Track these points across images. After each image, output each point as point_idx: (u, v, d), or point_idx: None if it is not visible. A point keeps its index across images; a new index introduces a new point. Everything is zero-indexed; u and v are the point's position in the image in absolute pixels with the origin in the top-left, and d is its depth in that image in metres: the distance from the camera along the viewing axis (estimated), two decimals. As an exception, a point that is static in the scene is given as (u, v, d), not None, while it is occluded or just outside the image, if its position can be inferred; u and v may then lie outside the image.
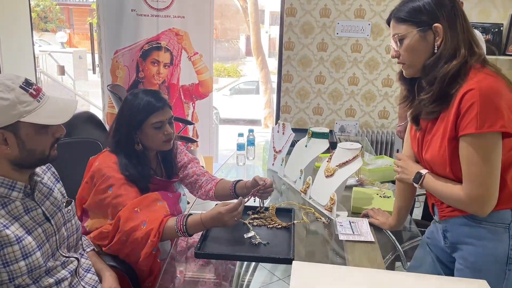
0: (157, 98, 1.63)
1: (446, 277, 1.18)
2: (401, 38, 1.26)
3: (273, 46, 20.31)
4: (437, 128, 1.26)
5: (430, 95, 1.23)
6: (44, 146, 1.14)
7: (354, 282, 1.07)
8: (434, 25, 1.21)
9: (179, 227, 1.45)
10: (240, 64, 17.85)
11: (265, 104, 8.44)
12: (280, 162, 2.17)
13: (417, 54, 1.25)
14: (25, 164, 1.14)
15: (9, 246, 1.07)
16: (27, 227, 1.12)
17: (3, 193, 1.11)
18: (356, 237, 1.53)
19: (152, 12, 3.52)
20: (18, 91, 1.08)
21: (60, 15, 19.57)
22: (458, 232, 1.32)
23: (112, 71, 3.59)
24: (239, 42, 21.52)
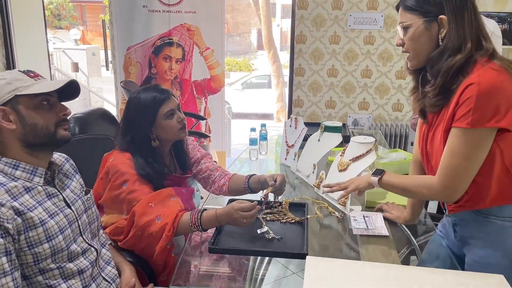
0: (160, 90, 1.66)
1: (462, 272, 1.17)
2: (406, 26, 1.25)
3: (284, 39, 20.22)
4: (439, 121, 1.26)
5: (434, 88, 1.23)
6: (46, 122, 1.16)
7: (369, 277, 1.07)
8: (440, 17, 1.20)
9: (193, 222, 1.46)
10: (252, 58, 17.81)
11: (277, 98, 8.42)
12: (293, 156, 2.16)
13: (420, 45, 1.24)
14: (32, 142, 1.15)
15: (33, 229, 1.10)
16: (50, 211, 1.15)
17: (26, 178, 1.14)
18: (370, 232, 1.52)
19: (164, 8, 3.53)
20: (17, 72, 1.16)
21: (73, 12, 19.75)
22: (466, 227, 1.31)
23: (125, 67, 3.62)
24: (251, 36, 21.47)
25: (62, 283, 1.16)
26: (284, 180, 1.68)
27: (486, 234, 1.26)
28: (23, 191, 1.12)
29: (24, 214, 1.09)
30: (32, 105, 1.14)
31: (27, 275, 1.12)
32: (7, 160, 1.13)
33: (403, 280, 1.06)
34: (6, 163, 1.13)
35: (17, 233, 1.07)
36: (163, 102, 1.63)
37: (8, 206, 1.06)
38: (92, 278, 1.26)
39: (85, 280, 1.22)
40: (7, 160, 1.13)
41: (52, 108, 1.18)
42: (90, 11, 21.52)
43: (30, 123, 1.14)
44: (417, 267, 1.32)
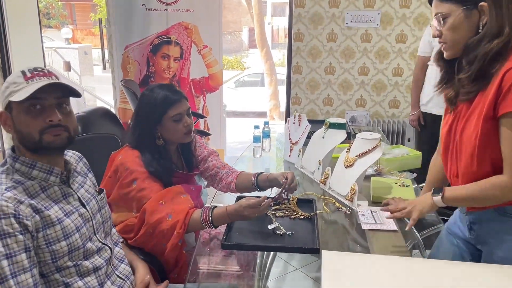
0: (173, 91, 1.66)
1: (474, 264, 1.20)
2: (444, 16, 1.23)
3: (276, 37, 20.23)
4: (473, 110, 1.23)
5: (469, 74, 1.21)
6: (29, 129, 1.11)
7: (385, 270, 1.09)
8: (480, 3, 1.18)
9: (204, 219, 1.47)
10: (244, 57, 17.80)
11: (270, 96, 8.43)
12: (297, 153, 2.18)
13: (460, 33, 1.22)
14: (27, 147, 1.14)
15: (51, 227, 1.11)
16: (65, 210, 1.16)
17: (42, 178, 1.14)
18: (379, 226, 1.55)
19: (161, 6, 3.52)
20: (16, 73, 1.13)
21: (62, 11, 19.56)
22: (487, 226, 1.30)
23: (123, 66, 3.61)
24: (242, 34, 21.45)
25: (78, 280, 1.17)
26: (294, 177, 1.68)
27: (508, 234, 1.25)
28: (40, 190, 1.13)
29: (42, 212, 1.10)
30: (21, 110, 1.11)
31: (45, 273, 1.13)
32: (24, 159, 1.14)
33: (417, 271, 1.08)
34: (23, 163, 1.14)
35: (36, 231, 1.08)
36: (173, 103, 1.63)
37: (27, 203, 1.07)
38: (106, 276, 1.27)
39: (100, 277, 1.23)
40: (24, 159, 1.14)
41: (43, 112, 1.12)
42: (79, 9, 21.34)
43: (17, 129, 1.13)
44: (431, 260, 1.34)
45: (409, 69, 3.63)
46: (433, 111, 2.90)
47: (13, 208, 1.04)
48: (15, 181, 1.10)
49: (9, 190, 1.07)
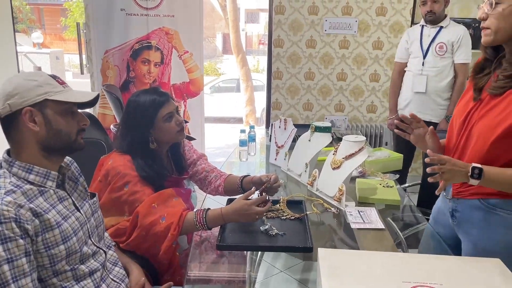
0: (159, 93, 1.68)
1: (462, 257, 1.26)
2: (498, 1, 1.21)
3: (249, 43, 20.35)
4: (498, 103, 1.25)
5: (509, 73, 1.22)
6: (69, 129, 1.18)
7: (379, 265, 1.14)
8: None
9: (199, 221, 1.48)
10: (218, 62, 17.80)
11: (246, 102, 8.47)
12: (283, 156, 2.22)
13: (506, 23, 1.21)
14: (52, 146, 1.17)
15: (50, 230, 1.11)
16: (62, 214, 1.16)
17: (39, 182, 1.14)
18: (367, 225, 1.60)
19: (142, 12, 3.52)
20: (47, 76, 1.18)
21: (30, 15, 19.08)
22: (469, 215, 1.36)
23: (103, 71, 3.57)
24: (216, 40, 21.46)
25: (75, 284, 1.17)
26: (277, 179, 1.72)
27: (489, 225, 1.30)
28: (38, 194, 1.13)
29: (42, 215, 1.10)
30: (59, 111, 1.15)
31: (42, 278, 1.12)
32: (21, 164, 1.13)
33: (410, 266, 1.13)
34: (20, 167, 1.13)
35: (35, 235, 1.08)
36: (162, 104, 1.65)
37: (27, 207, 1.07)
38: (102, 279, 1.26)
39: (96, 281, 1.23)
40: (21, 164, 1.13)
41: (74, 117, 1.20)
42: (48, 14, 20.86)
43: (55, 128, 1.15)
44: (421, 254, 1.40)
45: (386, 75, 3.75)
46: (411, 115, 3.01)
47: (14, 212, 1.03)
48: (14, 185, 1.09)
49: (9, 194, 1.06)
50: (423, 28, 2.92)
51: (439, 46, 2.84)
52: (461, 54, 2.82)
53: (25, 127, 1.12)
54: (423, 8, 2.87)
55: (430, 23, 2.89)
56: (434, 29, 2.87)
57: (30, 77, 1.14)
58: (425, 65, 2.88)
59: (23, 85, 1.12)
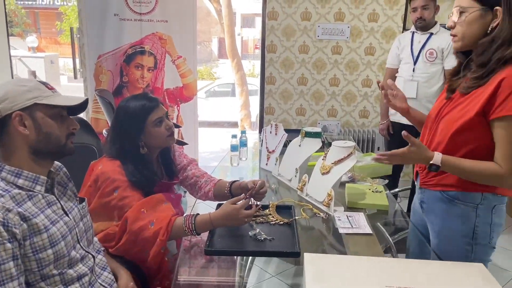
0: (149, 98, 1.69)
1: (446, 262, 1.28)
2: (462, 11, 1.35)
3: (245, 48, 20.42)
4: (466, 99, 1.36)
5: (477, 75, 1.33)
6: (59, 132, 1.20)
7: (364, 270, 1.15)
8: (495, 8, 1.30)
9: (187, 226, 1.49)
10: (213, 67, 17.84)
11: (241, 106, 8.49)
12: (274, 161, 2.24)
13: (471, 29, 1.34)
14: (42, 150, 1.18)
15: (38, 235, 1.11)
16: (51, 219, 1.17)
17: (28, 186, 1.15)
18: (355, 230, 1.62)
19: (135, 17, 3.53)
20: (37, 82, 1.20)
21: (26, 19, 19.05)
22: (432, 206, 1.49)
23: (96, 76, 3.58)
24: (212, 44, 21.51)
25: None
26: (264, 184, 1.72)
27: (450, 215, 1.45)
28: (26, 198, 1.14)
29: (30, 220, 1.10)
30: (48, 115, 1.17)
31: (30, 282, 1.13)
32: (10, 168, 1.14)
33: (394, 270, 1.15)
34: (9, 172, 1.14)
35: (23, 239, 1.09)
36: (152, 110, 1.66)
37: (15, 212, 1.07)
38: (90, 284, 1.27)
39: (84, 285, 1.24)
40: (10, 168, 1.14)
41: (64, 121, 1.22)
42: (44, 17, 20.84)
43: (45, 131, 1.17)
44: (406, 259, 1.43)
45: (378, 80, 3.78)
46: (402, 121, 3.03)
47: (2, 216, 1.04)
48: (2, 189, 1.10)
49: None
50: (413, 35, 2.96)
51: (429, 53, 2.88)
52: (450, 60, 2.85)
53: (15, 131, 1.14)
54: (413, 15, 2.90)
55: (420, 30, 2.92)
56: (425, 35, 2.90)
57: (20, 83, 1.16)
58: (415, 71, 2.91)
59: (13, 90, 1.14)
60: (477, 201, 1.40)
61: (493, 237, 1.43)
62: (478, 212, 1.41)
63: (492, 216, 1.41)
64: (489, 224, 1.41)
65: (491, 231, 1.42)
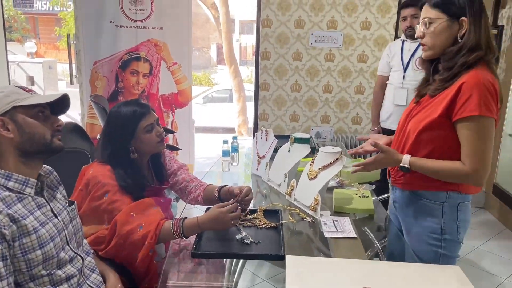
0: (140, 104, 1.73)
1: (423, 264, 1.31)
2: (430, 21, 1.43)
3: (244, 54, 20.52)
4: (432, 101, 1.46)
5: (444, 77, 1.42)
6: (42, 131, 1.23)
7: (344, 272, 1.19)
8: (461, 18, 1.39)
9: (175, 229, 1.53)
10: (212, 73, 17.90)
11: (238, 112, 8.55)
12: (264, 167, 2.27)
13: (439, 39, 1.43)
14: (29, 150, 1.21)
15: (27, 236, 1.14)
16: (40, 220, 1.20)
17: (18, 189, 1.19)
18: (340, 234, 1.65)
19: (131, 24, 3.58)
20: (13, 87, 1.25)
21: (25, 24, 19.13)
22: (403, 204, 1.59)
23: (92, 81, 3.63)
24: (210, 50, 21.61)
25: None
26: (250, 191, 1.75)
27: (419, 213, 1.55)
28: (16, 200, 1.17)
29: (19, 221, 1.13)
30: (29, 115, 1.21)
31: (19, 282, 1.16)
32: (0, 171, 1.18)
33: (373, 272, 1.18)
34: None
35: (12, 240, 1.12)
36: (143, 116, 1.69)
37: (4, 213, 1.11)
38: (78, 285, 1.30)
39: (72, 286, 1.26)
40: (0, 171, 1.18)
41: (47, 119, 1.24)
42: (43, 23, 20.92)
43: (27, 131, 1.20)
44: (385, 262, 1.46)
45: (370, 87, 3.83)
46: (392, 127, 3.07)
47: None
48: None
49: None
50: (403, 43, 3.01)
51: (419, 61, 2.92)
52: (440, 68, 2.90)
53: (0, 136, 1.17)
54: (403, 24, 2.95)
55: (410, 38, 2.97)
56: (414, 43, 2.95)
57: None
58: (405, 79, 2.96)
59: None
60: (442, 199, 1.50)
61: (460, 233, 1.52)
62: (444, 209, 1.50)
63: (457, 213, 1.50)
64: (455, 221, 1.50)
65: (458, 227, 1.51)
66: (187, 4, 3.64)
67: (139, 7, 3.57)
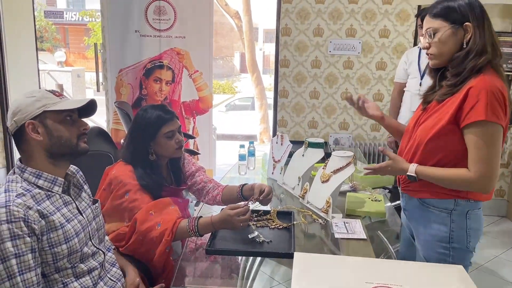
0: (165, 110, 1.81)
1: (427, 263, 1.34)
2: (434, 31, 1.44)
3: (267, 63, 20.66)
4: (440, 108, 1.47)
5: (452, 83, 1.43)
6: (69, 134, 1.30)
7: (349, 269, 1.23)
8: (465, 23, 1.40)
9: (191, 228, 1.60)
10: (235, 81, 18.09)
11: (260, 120, 8.63)
12: (279, 170, 2.33)
13: (446, 47, 1.43)
14: (57, 152, 1.30)
15: (54, 231, 1.24)
16: (66, 217, 1.29)
17: (47, 187, 1.28)
18: (350, 235, 1.69)
19: (155, 33, 3.72)
20: (44, 91, 1.33)
21: (56, 34, 19.83)
22: (412, 212, 1.59)
23: (117, 89, 3.77)
24: (234, 59, 21.85)
25: (74, 281, 1.30)
26: (271, 190, 1.83)
27: (428, 221, 1.54)
28: (45, 197, 1.27)
29: (47, 217, 1.23)
30: (58, 120, 1.29)
31: (45, 273, 1.25)
32: (32, 170, 1.28)
33: (376, 269, 1.22)
34: (31, 173, 1.27)
35: (41, 234, 1.21)
36: (166, 122, 1.78)
37: (35, 209, 1.21)
38: (100, 277, 1.39)
39: (94, 278, 1.35)
40: (32, 170, 1.28)
41: (74, 123, 1.33)
42: (73, 33, 21.64)
43: (56, 135, 1.29)
44: (390, 260, 1.49)
45: (389, 94, 3.84)
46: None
47: (23, 213, 1.17)
48: (24, 189, 1.24)
49: (19, 197, 1.20)
50: (420, 50, 3.02)
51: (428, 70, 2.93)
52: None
53: (30, 138, 1.27)
54: (420, 31, 2.97)
55: (427, 45, 2.98)
56: (432, 51, 2.96)
57: (29, 94, 1.29)
58: (422, 86, 2.97)
59: (24, 102, 1.27)
60: (450, 207, 1.48)
61: (470, 241, 1.49)
62: (452, 217, 1.49)
63: (467, 221, 1.48)
64: (465, 229, 1.48)
65: (468, 235, 1.49)
66: (208, 14, 3.76)
67: (163, 17, 3.71)
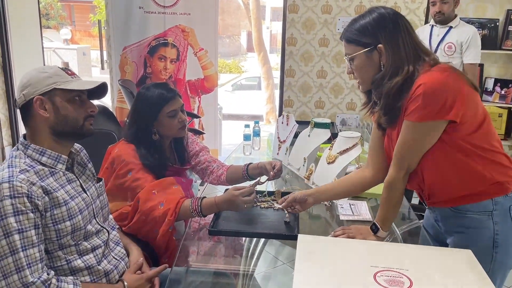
0: (168, 89, 1.78)
1: (434, 247, 1.32)
2: (351, 58, 1.36)
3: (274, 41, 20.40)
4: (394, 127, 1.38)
5: (380, 108, 1.36)
6: (76, 115, 1.29)
7: (352, 251, 1.21)
8: (378, 46, 1.31)
9: (194, 208, 1.58)
10: (242, 60, 17.93)
11: (267, 100, 8.56)
12: (285, 151, 2.30)
13: (366, 72, 1.35)
14: (62, 131, 1.28)
15: (58, 207, 1.23)
16: (70, 194, 1.28)
17: (50, 164, 1.27)
18: (356, 217, 1.67)
19: (159, 10, 3.65)
20: (57, 68, 1.30)
21: (61, 12, 19.67)
22: (447, 222, 1.42)
23: (121, 67, 3.73)
24: (240, 38, 21.61)
25: (78, 258, 1.29)
26: (281, 166, 1.81)
27: (466, 228, 1.36)
28: (49, 174, 1.25)
29: (51, 193, 1.22)
30: (66, 99, 1.27)
31: (49, 250, 1.24)
32: (35, 147, 1.26)
33: (381, 252, 1.20)
34: (34, 149, 1.26)
35: (44, 210, 1.20)
36: (168, 100, 1.75)
37: (38, 185, 1.20)
38: (103, 256, 1.38)
39: (97, 256, 1.34)
40: (35, 147, 1.26)
41: (82, 104, 1.31)
42: (78, 11, 21.44)
43: (62, 113, 1.27)
44: (395, 243, 1.46)
45: (398, 74, 3.76)
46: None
47: (26, 188, 1.16)
48: (28, 165, 1.23)
49: (23, 173, 1.19)
50: (432, 28, 2.95)
51: (448, 46, 2.86)
52: (469, 54, 2.83)
53: (37, 113, 1.25)
54: (432, 9, 2.89)
55: (439, 23, 2.91)
56: (444, 29, 2.89)
57: (42, 70, 1.27)
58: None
59: (35, 76, 1.25)
60: (489, 208, 1.33)
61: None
62: (494, 219, 1.33)
63: (511, 217, 1.34)
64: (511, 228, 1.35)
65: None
66: (214, -10, 3.67)
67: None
